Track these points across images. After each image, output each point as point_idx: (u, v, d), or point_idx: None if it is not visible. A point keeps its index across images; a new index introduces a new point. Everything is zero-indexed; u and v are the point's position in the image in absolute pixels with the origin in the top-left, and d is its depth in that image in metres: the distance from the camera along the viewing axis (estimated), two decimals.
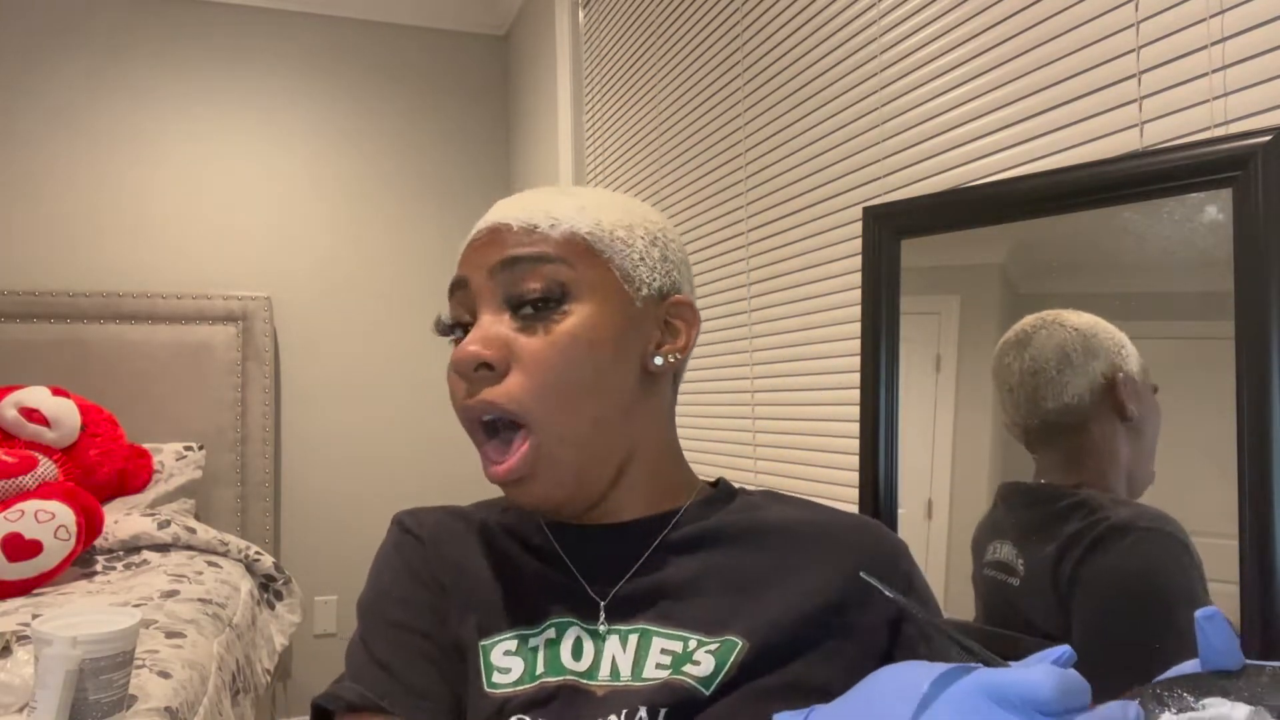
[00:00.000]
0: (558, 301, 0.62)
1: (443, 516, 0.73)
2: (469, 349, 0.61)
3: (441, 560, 0.70)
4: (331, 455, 2.97)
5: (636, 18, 2.05)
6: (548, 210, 0.64)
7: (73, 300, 2.64)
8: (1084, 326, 0.79)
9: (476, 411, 0.62)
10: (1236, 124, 0.76)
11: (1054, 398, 0.80)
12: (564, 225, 0.64)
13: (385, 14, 3.08)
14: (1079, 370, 0.79)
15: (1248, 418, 0.65)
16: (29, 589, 1.80)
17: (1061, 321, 0.80)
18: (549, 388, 0.61)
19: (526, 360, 0.61)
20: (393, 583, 0.69)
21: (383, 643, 0.65)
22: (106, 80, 2.79)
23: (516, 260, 0.62)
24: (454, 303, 0.66)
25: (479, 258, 0.64)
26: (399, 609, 0.67)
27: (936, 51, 1.13)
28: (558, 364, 0.61)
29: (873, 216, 1.03)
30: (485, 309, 0.63)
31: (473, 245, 0.66)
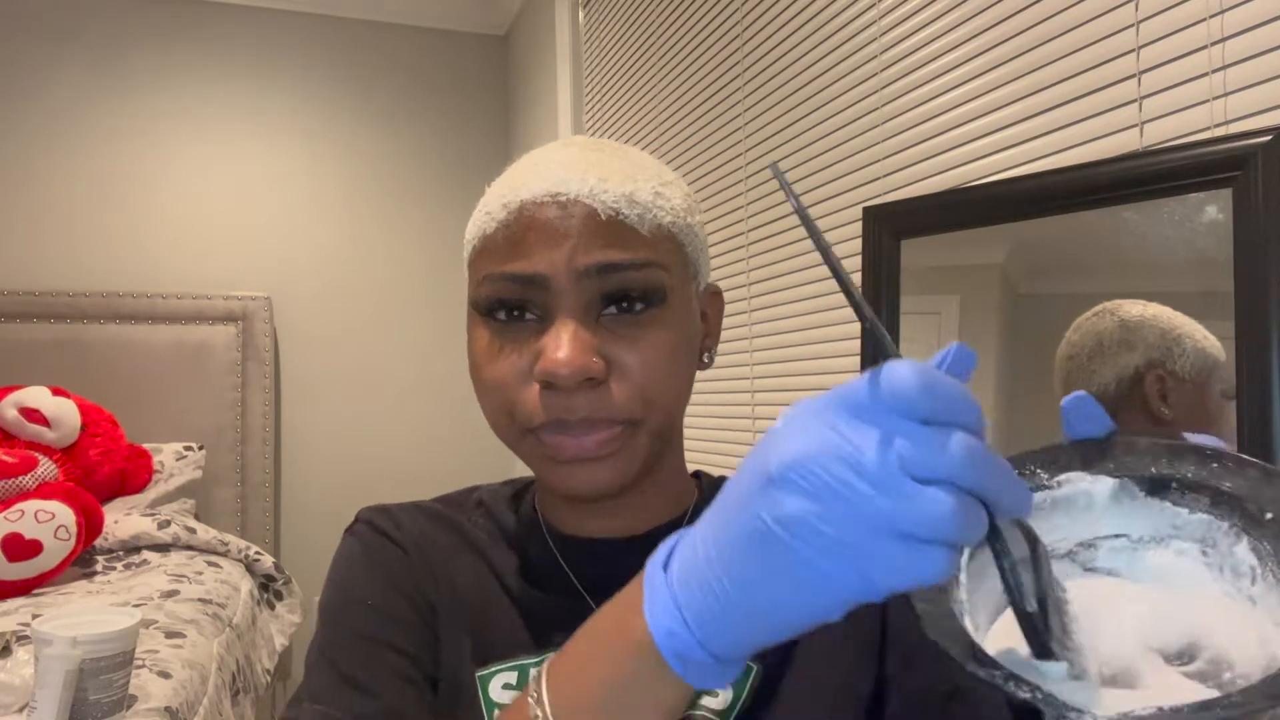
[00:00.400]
0: (655, 307, 0.56)
1: (423, 522, 0.66)
2: (577, 361, 0.52)
3: (429, 574, 0.62)
4: (331, 455, 2.97)
5: (636, 18, 2.05)
6: (624, 190, 0.56)
7: (73, 300, 2.64)
8: (1132, 318, 0.76)
9: (575, 428, 0.55)
10: (1236, 124, 0.76)
11: (1082, 386, 0.79)
12: (649, 215, 0.57)
13: (385, 14, 3.08)
14: (1109, 361, 0.77)
15: (1248, 417, 0.65)
16: (29, 589, 1.80)
17: (1115, 310, 0.78)
18: (648, 399, 0.56)
19: (629, 372, 0.55)
20: (366, 590, 0.61)
21: (352, 657, 0.58)
22: (106, 80, 2.79)
23: (615, 267, 0.55)
24: (513, 285, 0.55)
25: (558, 251, 0.54)
26: (372, 620, 0.59)
27: (936, 51, 1.13)
28: (656, 375, 0.56)
29: (873, 216, 1.03)
30: (568, 312, 0.54)
31: (541, 225, 0.55)
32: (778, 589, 0.33)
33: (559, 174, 0.56)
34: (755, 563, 0.33)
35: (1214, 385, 0.71)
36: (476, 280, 0.58)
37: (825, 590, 0.32)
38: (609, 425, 0.55)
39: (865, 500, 0.30)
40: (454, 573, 0.63)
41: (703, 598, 0.35)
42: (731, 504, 0.35)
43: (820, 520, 0.31)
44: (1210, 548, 0.34)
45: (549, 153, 0.60)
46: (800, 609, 0.33)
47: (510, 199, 0.56)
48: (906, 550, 0.30)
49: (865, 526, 0.30)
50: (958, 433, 0.30)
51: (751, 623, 0.34)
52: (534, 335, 0.55)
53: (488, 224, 0.57)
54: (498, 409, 0.57)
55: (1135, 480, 0.36)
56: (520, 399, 0.55)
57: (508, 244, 0.56)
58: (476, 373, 0.58)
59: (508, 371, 0.56)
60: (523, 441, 0.57)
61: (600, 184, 0.56)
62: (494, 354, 0.56)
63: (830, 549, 0.31)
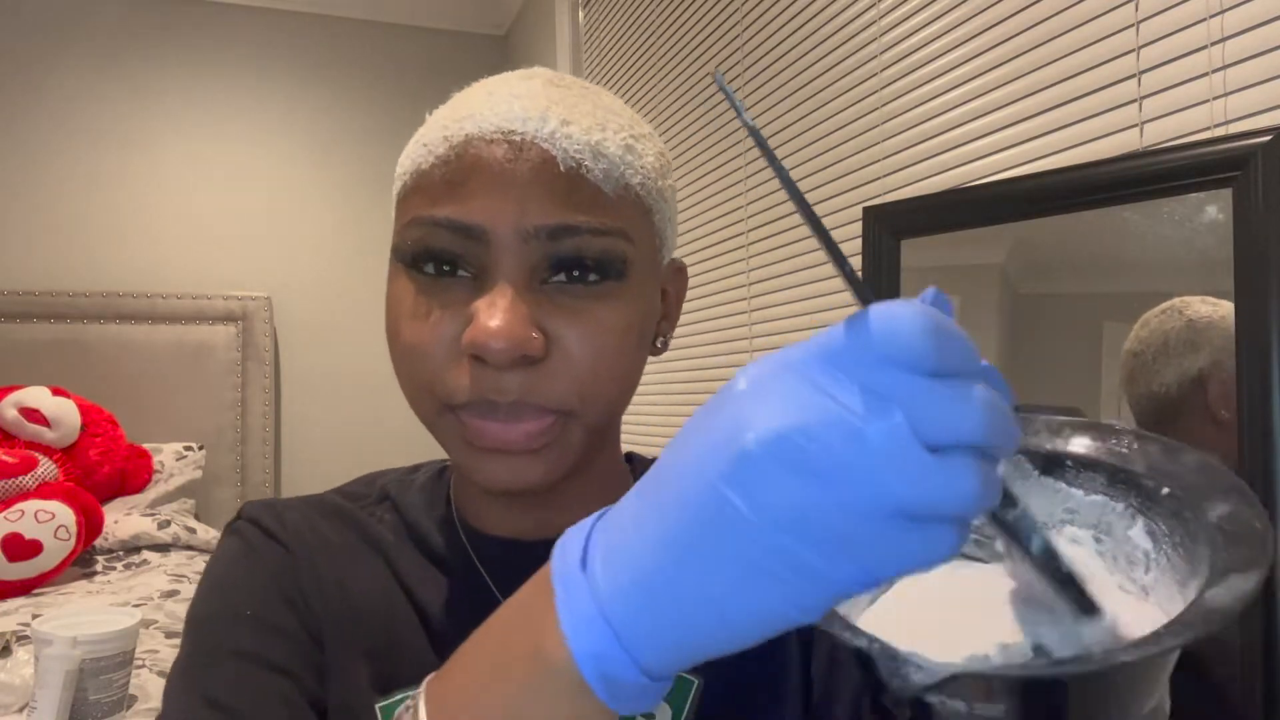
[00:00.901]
0: (611, 280, 0.48)
1: (317, 520, 0.56)
2: (514, 334, 0.44)
3: (318, 583, 0.52)
4: (331, 455, 2.97)
5: (636, 18, 2.05)
6: (590, 138, 0.47)
7: (73, 300, 2.64)
8: (1200, 317, 0.73)
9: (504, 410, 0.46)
10: (1236, 124, 0.76)
11: (1144, 384, 0.77)
12: (616, 172, 0.48)
13: (385, 14, 3.08)
14: (1173, 360, 0.74)
15: (1248, 417, 0.65)
16: (29, 589, 1.80)
17: (1184, 308, 0.75)
18: (589, 388, 0.47)
19: (571, 353, 0.47)
20: (244, 598, 0.51)
21: (221, 678, 0.48)
22: (106, 80, 2.79)
23: (570, 230, 0.46)
24: (446, 234, 0.47)
25: (505, 200, 0.45)
26: (248, 634, 0.50)
27: (936, 51, 1.13)
28: (602, 361, 0.47)
29: (873, 216, 1.03)
30: (508, 275, 0.46)
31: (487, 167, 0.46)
32: (752, 591, 0.26)
33: (515, 108, 0.47)
34: (723, 561, 0.26)
35: None
36: (403, 222, 0.49)
37: (813, 588, 0.26)
38: (540, 414, 0.46)
39: (873, 480, 0.24)
40: (350, 581, 0.53)
41: (642, 607, 0.28)
42: (685, 486, 0.27)
43: (817, 508, 0.24)
44: (1105, 534, 0.32)
45: (506, 82, 0.50)
46: (775, 613, 0.26)
47: (453, 131, 0.48)
48: (919, 533, 0.25)
49: (871, 511, 0.24)
50: (976, 387, 0.25)
51: (705, 634, 0.28)
52: (466, 296, 0.47)
53: (423, 158, 0.48)
54: (415, 378, 0.48)
55: (1028, 456, 0.33)
56: (444, 371, 0.47)
57: (445, 184, 0.47)
58: (394, 333, 0.49)
59: (432, 336, 0.47)
60: (440, 419, 0.48)
61: (563, 127, 0.47)
62: (417, 313, 0.47)
63: (826, 540, 0.25)
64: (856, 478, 0.24)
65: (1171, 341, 0.75)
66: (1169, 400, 0.75)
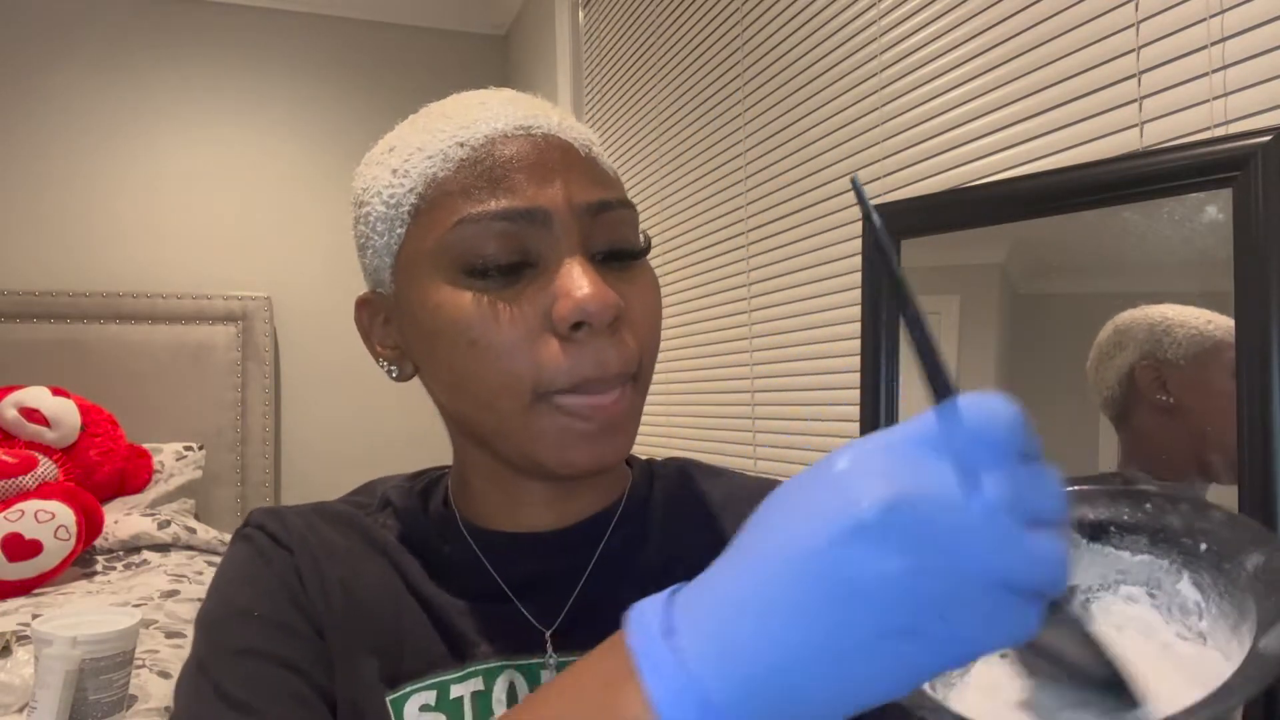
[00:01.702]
0: (644, 252, 0.52)
1: (321, 525, 0.57)
2: (608, 296, 0.46)
3: (321, 581, 0.54)
4: (331, 455, 2.96)
5: (636, 18, 2.05)
6: (582, 130, 0.53)
7: (73, 300, 2.64)
8: (1124, 320, 0.78)
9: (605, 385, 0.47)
10: (1236, 124, 0.76)
11: (1098, 394, 0.81)
12: (605, 158, 0.54)
13: (385, 14, 3.08)
14: (1108, 364, 0.79)
15: (1248, 417, 0.65)
16: (29, 589, 1.80)
17: (1114, 319, 0.80)
18: (652, 343, 0.51)
19: (637, 315, 0.49)
20: (253, 599, 0.52)
21: (234, 675, 0.49)
22: (106, 80, 2.78)
23: (607, 205, 0.49)
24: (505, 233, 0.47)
25: (551, 186, 0.48)
26: (259, 633, 0.50)
27: (936, 51, 1.13)
28: (654, 322, 0.52)
29: None
30: (573, 250, 0.47)
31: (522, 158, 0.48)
32: (856, 661, 0.27)
33: (518, 110, 0.51)
34: (830, 631, 0.26)
35: (1216, 368, 0.71)
36: (443, 229, 0.48)
37: (912, 661, 0.27)
38: (621, 381, 0.48)
39: (974, 550, 0.26)
40: (355, 582, 0.54)
41: (746, 680, 0.27)
42: (792, 555, 0.27)
43: (922, 575, 0.26)
44: (1156, 589, 0.34)
45: (481, 96, 0.54)
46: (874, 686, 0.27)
47: (466, 135, 0.49)
48: (1010, 605, 0.26)
49: (972, 580, 0.26)
50: (1051, 469, 0.27)
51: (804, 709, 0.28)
52: (533, 285, 0.47)
53: (437, 168, 0.49)
54: (499, 377, 0.47)
55: (1075, 528, 0.36)
56: (537, 359, 0.47)
57: (484, 181, 0.48)
58: (465, 339, 0.48)
59: (514, 332, 0.47)
60: (532, 411, 0.48)
61: (564, 120, 0.52)
62: (487, 316, 0.47)
63: (929, 610, 0.26)
64: (960, 548, 0.26)
65: (1104, 348, 0.79)
66: (1116, 400, 0.79)
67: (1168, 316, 0.75)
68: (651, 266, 0.54)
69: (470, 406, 0.50)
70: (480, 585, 0.54)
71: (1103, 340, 0.80)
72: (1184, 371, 0.73)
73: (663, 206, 1.93)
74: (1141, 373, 0.76)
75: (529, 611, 0.53)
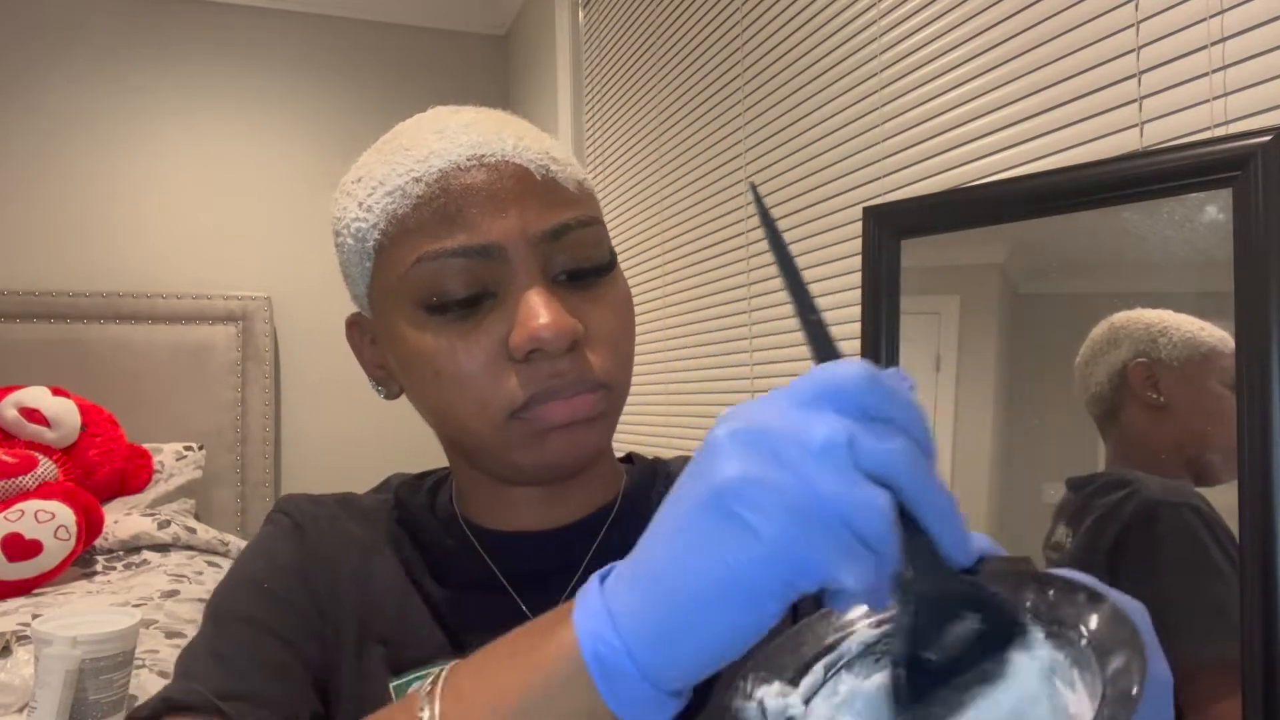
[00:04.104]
0: (608, 268, 0.54)
1: (343, 517, 0.61)
2: (563, 324, 0.48)
3: (334, 571, 0.58)
4: (331, 455, 2.97)
5: (636, 18, 2.05)
6: (542, 147, 0.53)
7: (73, 300, 2.64)
8: (1120, 319, 0.79)
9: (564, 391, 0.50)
10: (1236, 124, 0.76)
11: (1085, 390, 0.81)
12: (569, 170, 0.54)
13: (385, 14, 3.08)
14: (1100, 360, 0.79)
15: (1249, 417, 0.65)
16: (29, 589, 1.80)
17: (1110, 318, 0.80)
18: (621, 357, 0.53)
19: (602, 332, 0.52)
20: (264, 573, 0.57)
21: (230, 635, 0.53)
22: (106, 80, 2.79)
23: (566, 228, 0.51)
24: (462, 269, 0.49)
25: (504, 217, 0.49)
26: (261, 603, 0.55)
27: (936, 51, 1.13)
28: (622, 336, 0.54)
29: (873, 216, 1.03)
30: (530, 279, 0.50)
31: (475, 191, 0.50)
32: (713, 571, 0.29)
33: (474, 136, 0.51)
34: (693, 540, 0.30)
35: (1208, 372, 0.72)
36: (403, 267, 0.50)
37: (763, 572, 0.29)
38: (591, 388, 0.51)
39: (812, 475, 0.28)
40: (368, 574, 0.58)
41: (633, 594, 0.31)
42: (674, 494, 0.32)
43: (767, 487, 0.29)
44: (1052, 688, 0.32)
45: (442, 118, 0.54)
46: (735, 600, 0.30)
47: (423, 171, 0.50)
48: (842, 543, 0.28)
49: (809, 504, 0.28)
50: (903, 435, 0.29)
51: (686, 628, 0.30)
52: (491, 315, 0.50)
53: (396, 204, 0.51)
54: (472, 405, 0.51)
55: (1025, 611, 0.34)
56: (501, 386, 0.50)
57: (438, 218, 0.49)
58: (430, 370, 0.51)
59: (475, 362, 0.50)
60: (505, 427, 0.51)
61: (519, 142, 0.52)
62: (451, 350, 0.50)
63: (772, 519, 0.28)
64: (803, 470, 0.29)
65: (1097, 344, 0.80)
66: (1105, 397, 0.79)
67: (1165, 319, 0.75)
68: (620, 276, 0.56)
69: (450, 428, 0.54)
70: (480, 579, 0.57)
71: (1097, 336, 0.80)
72: (1177, 372, 0.74)
73: (663, 206, 1.93)
74: (1135, 370, 0.76)
75: (526, 605, 0.56)
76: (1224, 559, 0.68)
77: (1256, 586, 0.63)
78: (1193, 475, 0.75)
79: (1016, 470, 0.89)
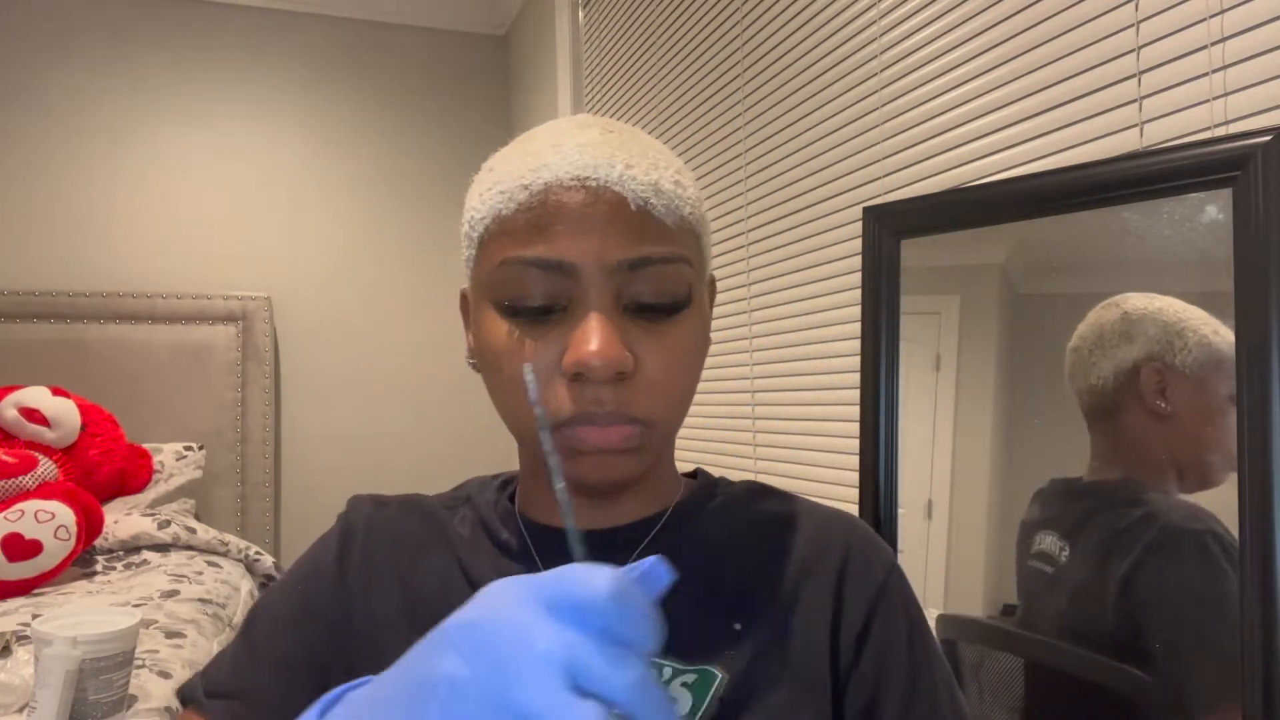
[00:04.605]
0: (682, 304, 0.55)
1: (401, 519, 0.65)
2: (610, 354, 0.51)
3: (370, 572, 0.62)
4: (331, 455, 2.97)
5: (636, 18, 2.05)
6: (650, 179, 0.54)
7: (73, 300, 2.64)
8: (1135, 310, 0.76)
9: (601, 418, 0.53)
10: (1236, 124, 0.76)
11: (1083, 377, 0.79)
12: (673, 206, 0.55)
13: (385, 14, 3.08)
14: (1108, 353, 0.77)
15: (1248, 417, 0.65)
16: (29, 589, 1.80)
17: (1121, 302, 0.77)
18: (671, 398, 0.55)
19: (653, 372, 0.54)
20: (305, 574, 0.63)
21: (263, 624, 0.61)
22: (106, 80, 2.79)
23: (645, 261, 0.53)
24: (539, 278, 0.53)
25: (587, 240, 0.52)
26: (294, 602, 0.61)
27: (936, 51, 1.13)
28: (679, 377, 0.55)
29: (873, 216, 1.03)
30: (597, 304, 0.52)
31: (569, 211, 0.52)
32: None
33: (585, 157, 0.54)
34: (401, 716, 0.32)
35: (1218, 383, 0.70)
36: (493, 263, 0.55)
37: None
38: (630, 423, 0.53)
39: (515, 685, 0.28)
40: (414, 573, 0.61)
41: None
42: (399, 664, 0.34)
43: (470, 685, 0.29)
44: None
45: (568, 133, 0.56)
46: None
47: (532, 180, 0.54)
48: None
49: (503, 711, 0.29)
50: (638, 660, 0.29)
51: None
52: (559, 328, 0.53)
53: (503, 204, 0.54)
54: (523, 405, 0.54)
55: None
56: (550, 396, 0.53)
57: (530, 228, 0.53)
58: (495, 365, 0.55)
59: (533, 364, 0.53)
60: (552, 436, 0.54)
61: (628, 170, 0.54)
62: (516, 346, 0.54)
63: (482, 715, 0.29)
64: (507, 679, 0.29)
65: (1107, 334, 0.77)
66: (1106, 393, 0.77)
67: (1183, 318, 0.73)
68: (697, 318, 0.56)
69: (509, 419, 0.58)
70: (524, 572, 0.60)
71: (1106, 323, 0.77)
72: (1189, 382, 0.72)
73: None
74: (1148, 374, 0.74)
75: None
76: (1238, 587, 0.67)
77: (1257, 586, 0.63)
78: (1180, 480, 0.74)
79: (1016, 470, 0.89)
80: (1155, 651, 0.72)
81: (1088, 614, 0.78)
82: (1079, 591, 0.78)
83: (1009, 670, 0.86)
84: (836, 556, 0.59)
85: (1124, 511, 0.77)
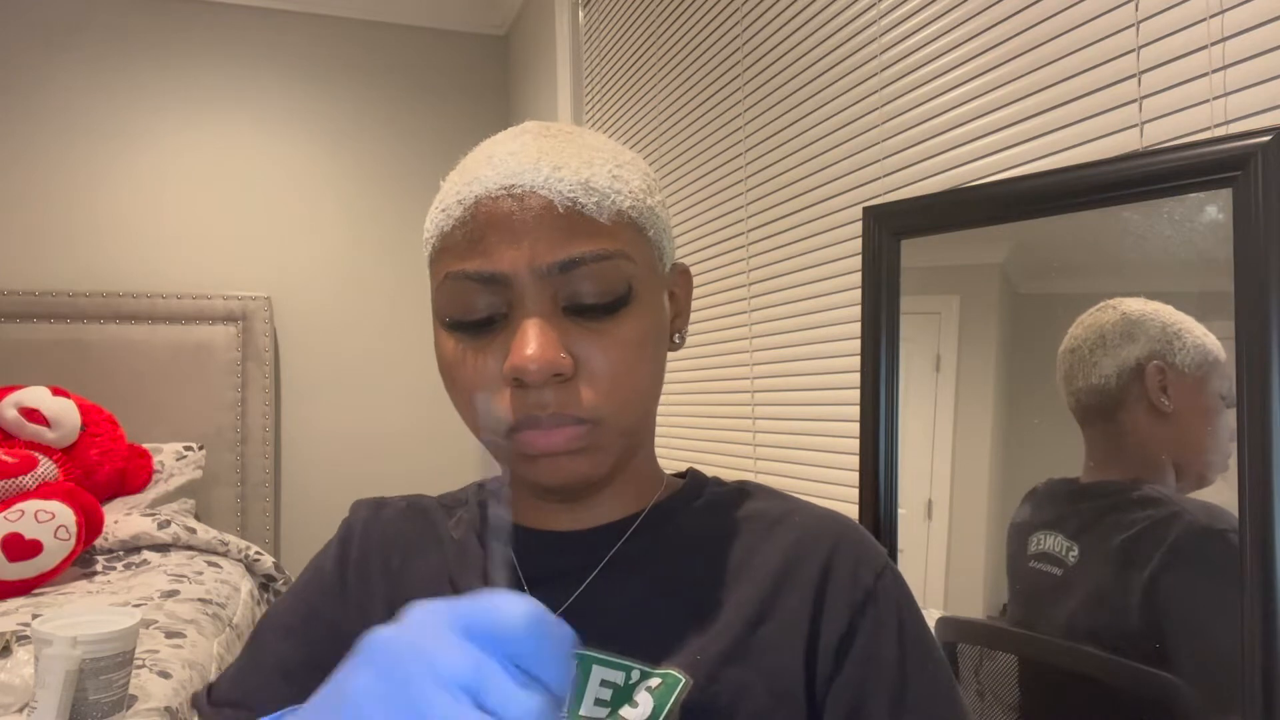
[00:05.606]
0: (621, 300, 0.54)
1: (398, 516, 0.67)
2: (545, 357, 0.51)
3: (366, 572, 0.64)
4: (331, 455, 2.97)
5: (636, 18, 2.05)
6: (579, 177, 0.54)
7: (73, 300, 2.64)
8: (1134, 312, 0.76)
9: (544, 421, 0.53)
10: (1236, 124, 0.76)
11: (1083, 377, 0.79)
12: (608, 201, 0.54)
13: (385, 14, 3.08)
14: (1110, 353, 0.77)
15: (1248, 417, 0.65)
16: (29, 589, 1.80)
17: (1117, 305, 0.78)
18: (618, 396, 0.54)
19: (596, 371, 0.54)
20: (307, 582, 0.65)
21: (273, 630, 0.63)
22: (106, 80, 2.79)
23: (576, 262, 0.53)
24: (478, 291, 0.54)
25: (517, 248, 0.52)
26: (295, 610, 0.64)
27: (936, 51, 1.13)
28: (625, 374, 0.54)
29: (873, 216, 1.03)
30: (532, 310, 0.53)
31: (498, 221, 0.53)
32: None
33: (512, 165, 0.54)
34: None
35: (1213, 383, 0.70)
36: (437, 281, 0.56)
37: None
38: (575, 423, 0.53)
39: (420, 699, 0.30)
40: (408, 572, 0.63)
41: None
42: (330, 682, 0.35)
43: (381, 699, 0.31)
44: None
45: (501, 143, 0.57)
46: None
47: (465, 195, 0.55)
48: None
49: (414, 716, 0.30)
50: (541, 694, 0.31)
51: None
52: (500, 337, 0.54)
53: (445, 222, 0.56)
54: (472, 416, 0.56)
55: None
56: (497, 404, 0.54)
57: (466, 242, 0.54)
58: (449, 380, 0.57)
59: (477, 376, 0.55)
60: (504, 444, 0.56)
61: (555, 173, 0.54)
62: (462, 360, 0.55)
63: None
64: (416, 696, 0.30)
65: (1108, 334, 0.78)
66: (1109, 392, 0.77)
67: (1178, 320, 0.74)
68: (642, 312, 0.56)
69: (471, 428, 0.58)
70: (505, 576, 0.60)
71: (1107, 324, 0.77)
72: (1188, 380, 0.73)
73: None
74: (1153, 372, 0.75)
75: None
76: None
77: (1256, 588, 0.63)
78: (1178, 479, 0.74)
79: (1017, 470, 0.89)
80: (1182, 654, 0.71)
81: (1105, 616, 0.77)
82: (1095, 593, 0.78)
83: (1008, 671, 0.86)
84: (821, 559, 0.58)
85: (1138, 512, 0.76)
